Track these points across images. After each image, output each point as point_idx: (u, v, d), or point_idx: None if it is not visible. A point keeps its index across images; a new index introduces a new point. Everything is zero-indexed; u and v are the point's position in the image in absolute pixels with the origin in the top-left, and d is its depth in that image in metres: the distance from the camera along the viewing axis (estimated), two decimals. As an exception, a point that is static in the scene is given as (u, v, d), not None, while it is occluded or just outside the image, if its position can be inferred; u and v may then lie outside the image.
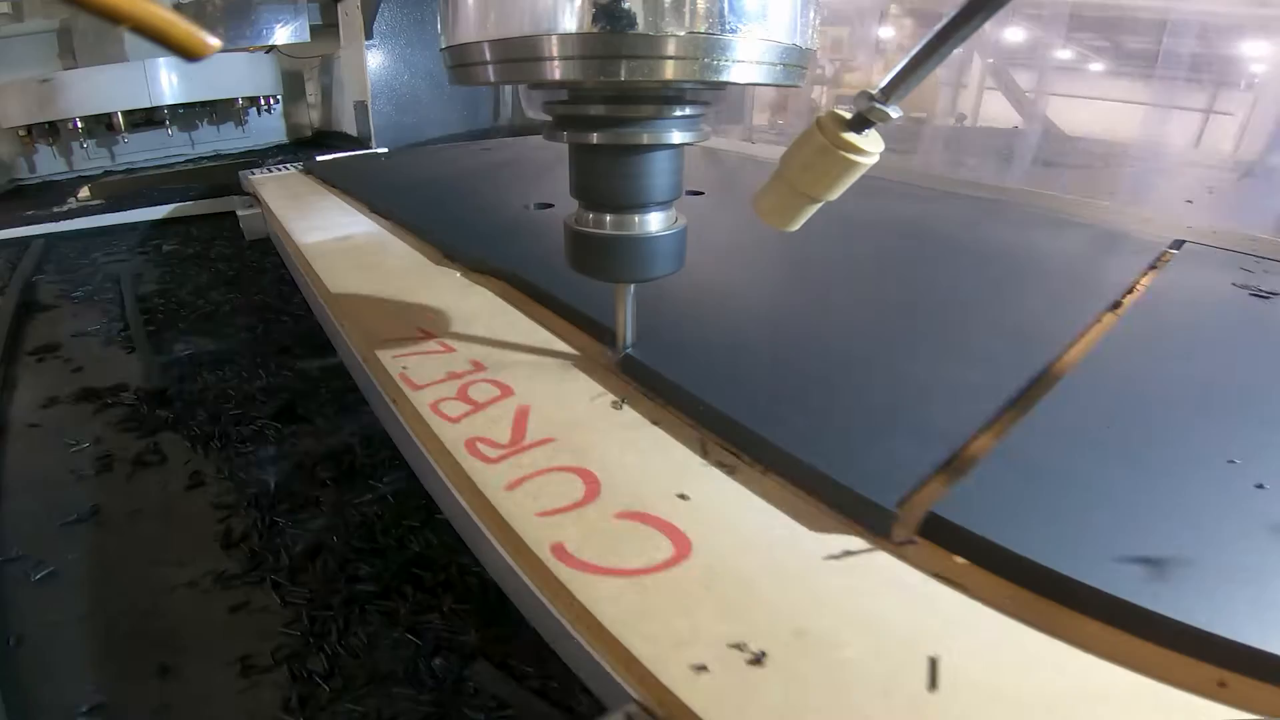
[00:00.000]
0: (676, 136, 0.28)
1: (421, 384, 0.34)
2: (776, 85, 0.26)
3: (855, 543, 0.24)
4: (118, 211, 0.99)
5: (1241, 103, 0.83)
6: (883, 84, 0.25)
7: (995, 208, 0.68)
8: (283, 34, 1.14)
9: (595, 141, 0.28)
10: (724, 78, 0.25)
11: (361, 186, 0.75)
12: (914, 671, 0.19)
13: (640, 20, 0.23)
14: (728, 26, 0.24)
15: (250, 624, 0.32)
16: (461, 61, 0.27)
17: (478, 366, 0.36)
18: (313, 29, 1.21)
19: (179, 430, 0.47)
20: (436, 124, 1.29)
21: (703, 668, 0.19)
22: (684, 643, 0.20)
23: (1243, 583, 0.21)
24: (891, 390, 0.32)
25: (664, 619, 0.21)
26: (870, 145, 0.26)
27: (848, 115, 0.26)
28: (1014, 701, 0.18)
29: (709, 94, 0.29)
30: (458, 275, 0.49)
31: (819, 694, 0.18)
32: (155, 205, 1.01)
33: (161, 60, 1.10)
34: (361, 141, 1.23)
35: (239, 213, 0.85)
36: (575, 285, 0.39)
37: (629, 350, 0.35)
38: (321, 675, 0.29)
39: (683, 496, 0.26)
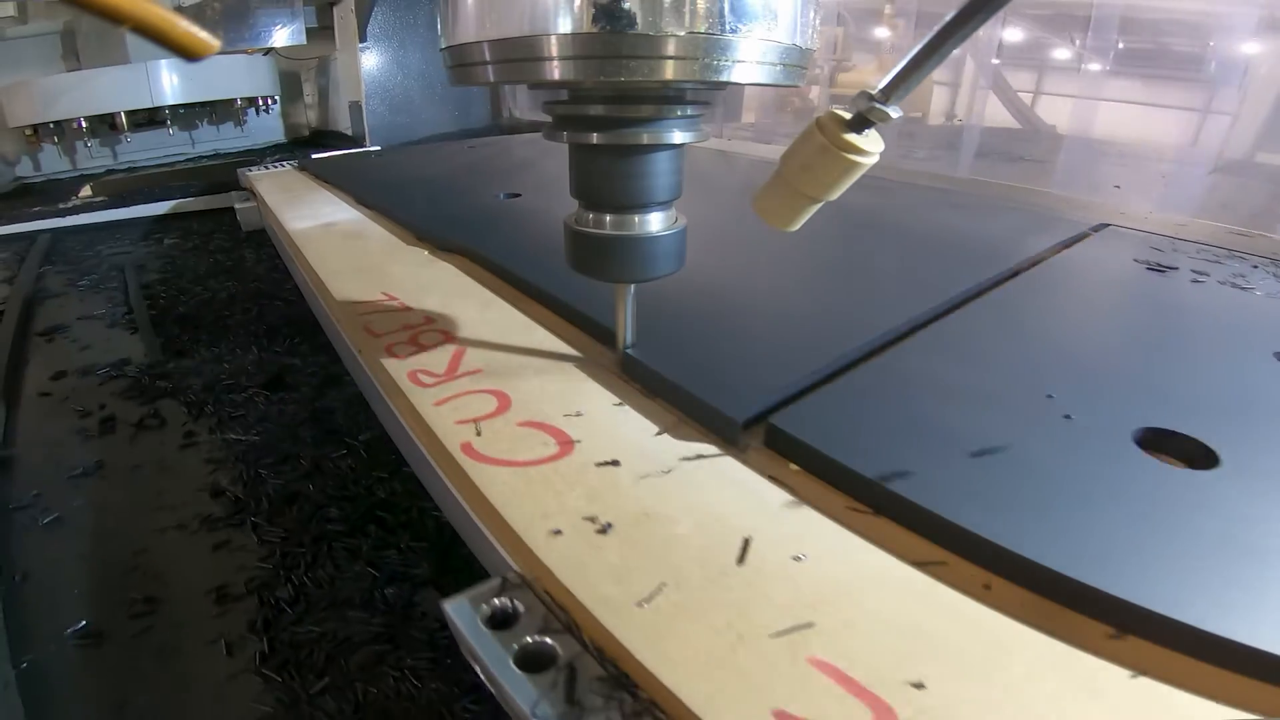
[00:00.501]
0: (677, 136, 0.27)
1: (379, 332, 0.38)
2: (777, 85, 0.25)
3: (708, 449, 0.28)
4: (120, 207, 0.98)
5: (1211, 99, 0.83)
6: (883, 84, 0.24)
7: (941, 195, 0.70)
8: (280, 36, 1.12)
9: (595, 141, 0.27)
10: (724, 78, 0.23)
11: (350, 181, 0.76)
12: (729, 548, 0.22)
13: (640, 20, 0.22)
14: (728, 26, 0.23)
15: (230, 560, 0.35)
16: (461, 61, 0.26)
17: (429, 320, 0.39)
18: (309, 32, 1.18)
19: (177, 398, 0.50)
20: (428, 123, 1.28)
21: (558, 533, 0.23)
22: (549, 515, 0.24)
23: (1015, 503, 0.23)
24: (771, 332, 0.35)
25: (538, 499, 0.24)
26: (870, 145, 0.25)
27: (847, 115, 0.25)
28: (797, 580, 0.21)
29: (709, 94, 0.28)
30: (425, 253, 0.52)
31: (648, 558, 0.22)
32: (156, 201, 1.00)
33: (163, 62, 1.09)
34: (356, 140, 1.22)
35: (236, 206, 0.85)
36: (524, 259, 0.45)
37: (629, 350, 0.33)
38: (287, 602, 0.32)
39: (577, 414, 0.30)
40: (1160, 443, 0.27)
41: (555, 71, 0.23)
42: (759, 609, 0.20)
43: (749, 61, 0.24)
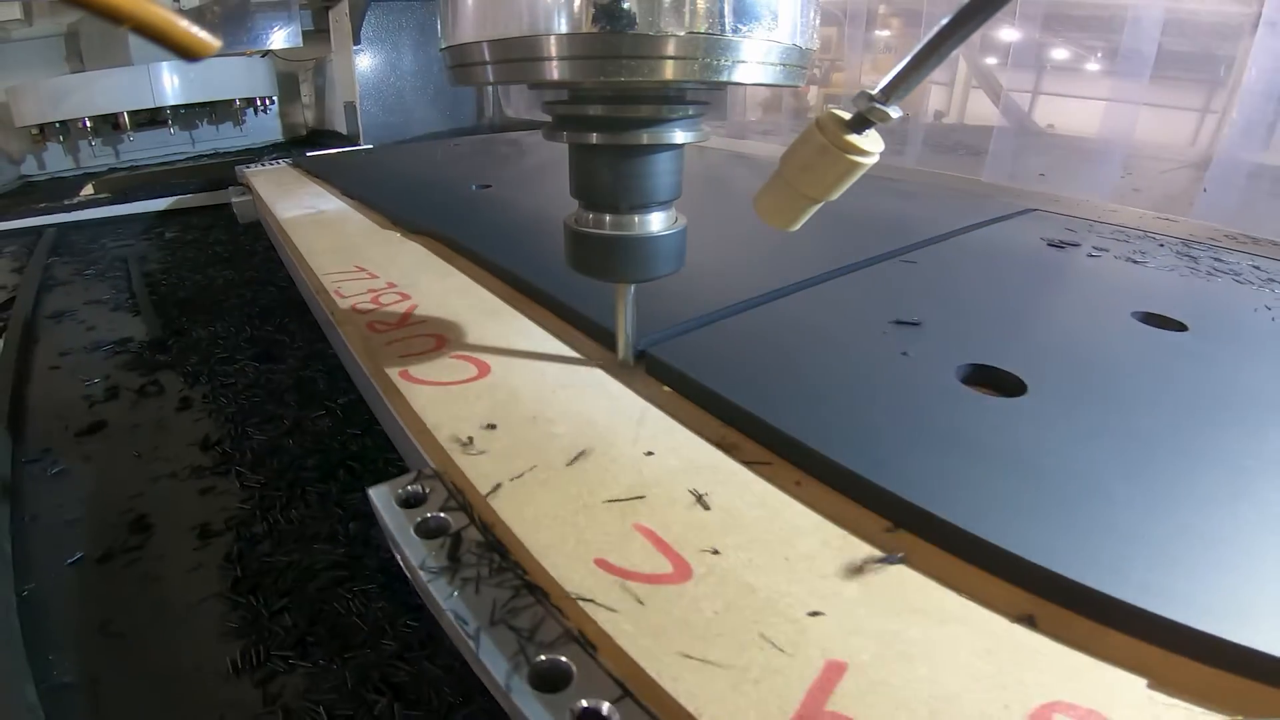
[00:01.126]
0: (677, 136, 0.25)
1: (347, 295, 0.42)
2: (777, 85, 0.24)
3: (598, 373, 0.32)
4: (123, 203, 0.96)
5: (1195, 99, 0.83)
6: (883, 84, 0.23)
7: (887, 185, 0.71)
8: (278, 39, 1.09)
9: (595, 142, 0.26)
10: (724, 78, 0.22)
11: (338, 175, 0.77)
12: (594, 443, 0.26)
13: (640, 20, 0.21)
14: (728, 27, 0.21)
15: (214, 503, 0.36)
16: (461, 61, 0.24)
17: (390, 285, 0.43)
18: (306, 34, 1.15)
19: (175, 369, 0.52)
20: (421, 122, 1.26)
21: (463, 437, 0.26)
22: (458, 420, 0.28)
23: (867, 441, 0.25)
24: (679, 282, 0.35)
25: (452, 410, 0.28)
26: (870, 145, 0.24)
27: (847, 115, 0.24)
28: (641, 469, 0.25)
29: (709, 94, 0.26)
30: (398, 236, 0.55)
31: (526, 449, 0.26)
32: (157, 197, 0.98)
33: (164, 63, 1.06)
34: (351, 139, 1.20)
35: (232, 200, 0.84)
36: (480, 238, 0.49)
37: (630, 349, 0.32)
38: (261, 536, 0.34)
39: (501, 349, 0.34)
40: (980, 376, 0.31)
41: (555, 71, 0.22)
42: (605, 487, 0.23)
43: (749, 62, 0.22)
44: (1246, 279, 0.45)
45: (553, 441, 0.26)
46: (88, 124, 1.05)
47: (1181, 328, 0.36)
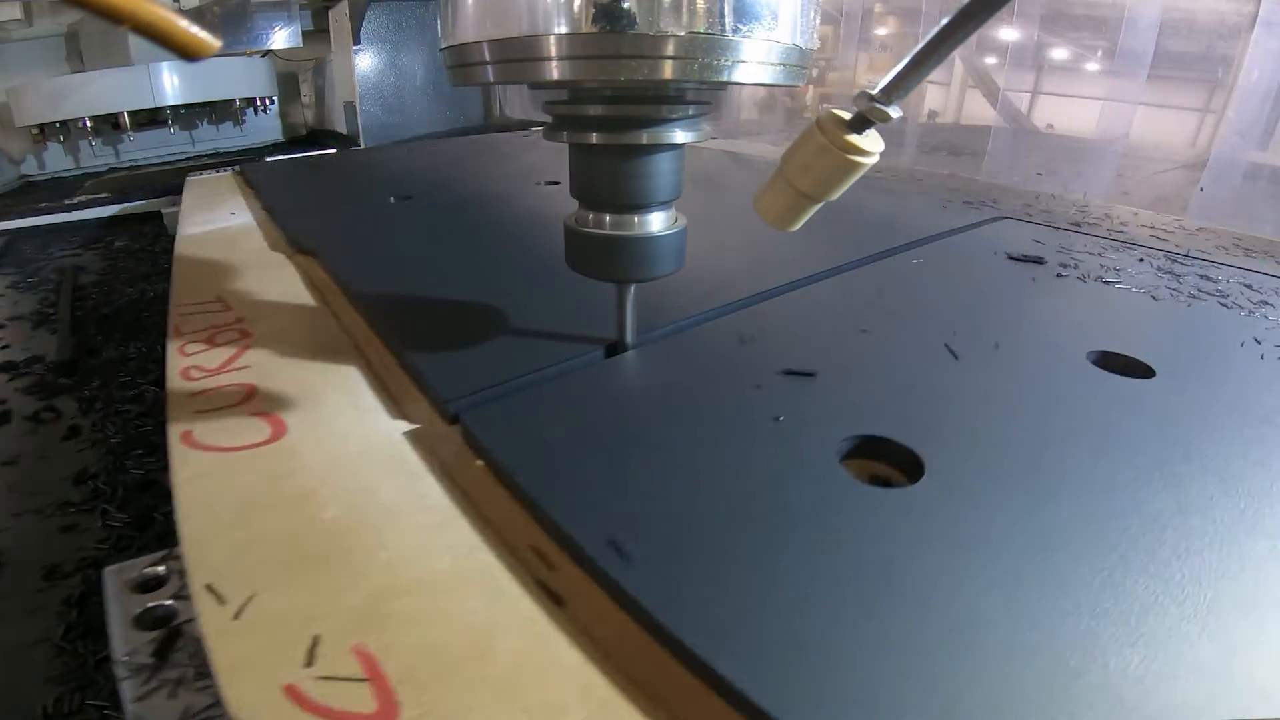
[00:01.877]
0: (677, 136, 0.25)
1: (185, 331, 0.37)
2: (777, 85, 0.24)
3: (406, 442, 0.27)
4: (62, 213, 0.92)
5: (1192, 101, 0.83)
6: (883, 84, 0.23)
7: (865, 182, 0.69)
8: (278, 39, 1.09)
9: (595, 142, 0.25)
10: (723, 78, 0.22)
11: (268, 186, 0.71)
12: (357, 538, 0.21)
13: (640, 20, 0.20)
14: (728, 26, 0.21)
15: (72, 542, 0.34)
16: (461, 61, 0.24)
17: (238, 320, 0.38)
18: (306, 34, 1.15)
19: (75, 393, 0.49)
20: (421, 122, 1.26)
21: (214, 513, 0.22)
22: (217, 496, 0.23)
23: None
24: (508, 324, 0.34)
25: (215, 484, 0.24)
26: (870, 145, 0.23)
27: (847, 115, 0.24)
28: (397, 578, 0.20)
29: (709, 93, 0.26)
30: (283, 258, 0.50)
31: (272, 539, 0.21)
32: (102, 205, 0.94)
33: (164, 63, 1.05)
34: (351, 139, 1.19)
35: (163, 210, 0.81)
36: (363, 264, 0.44)
37: (630, 349, 0.32)
38: None
39: (312, 403, 0.29)
40: (869, 450, 0.25)
41: (555, 71, 0.22)
42: (348, 593, 0.19)
43: (749, 62, 0.22)
44: (1235, 301, 0.39)
45: (311, 529, 0.22)
46: (88, 124, 1.05)
47: (1147, 373, 0.30)
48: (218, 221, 0.61)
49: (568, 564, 0.20)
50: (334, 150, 1.08)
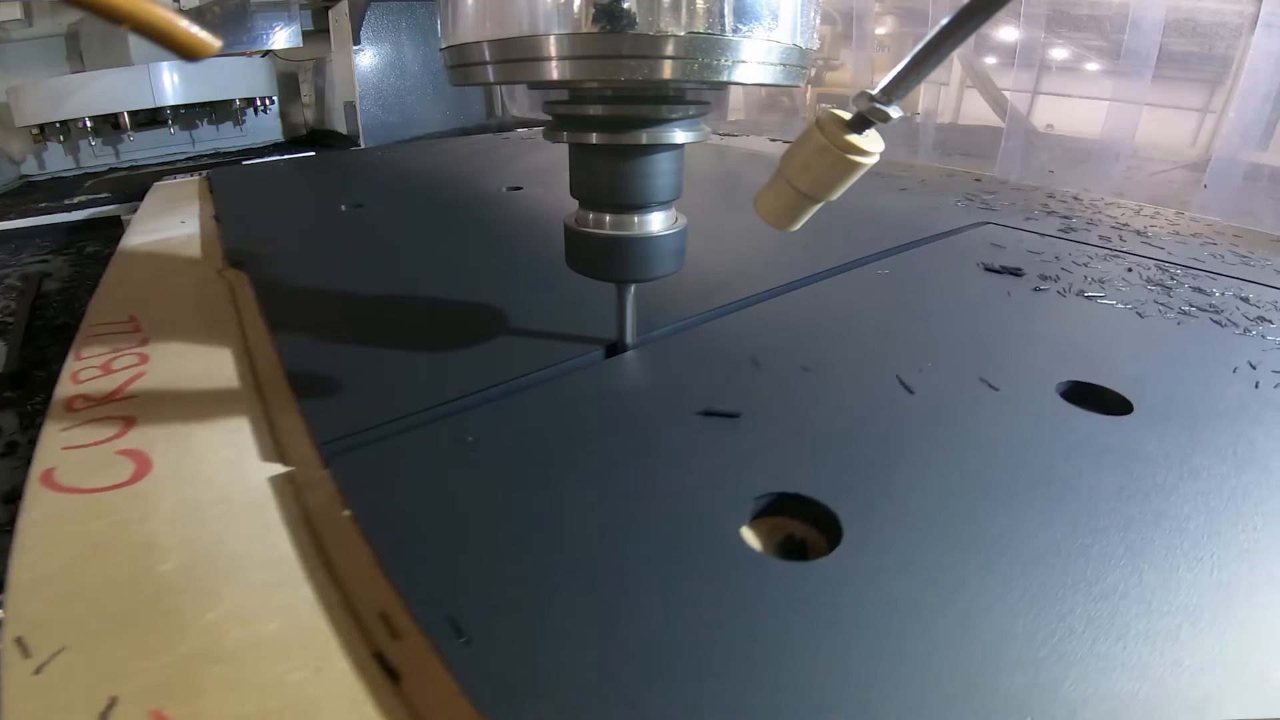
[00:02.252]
0: (677, 136, 0.25)
1: (85, 355, 0.34)
2: (776, 85, 0.24)
3: (268, 489, 0.24)
4: (37, 216, 0.89)
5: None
6: (883, 84, 0.23)
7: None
8: (278, 39, 1.09)
9: (595, 141, 0.25)
10: (723, 78, 0.22)
11: (225, 193, 0.69)
12: (189, 596, 0.19)
13: (640, 20, 0.20)
14: (727, 26, 0.21)
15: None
16: (461, 61, 0.24)
17: (142, 343, 0.35)
18: (306, 34, 1.15)
19: (18, 408, 0.47)
20: (421, 122, 1.25)
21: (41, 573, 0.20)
22: (60, 542, 0.21)
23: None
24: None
25: (61, 528, 0.22)
26: (870, 145, 0.23)
27: (847, 115, 0.24)
28: (220, 642, 0.18)
29: (709, 93, 0.26)
30: (213, 271, 0.46)
31: (95, 590, 0.19)
32: (67, 211, 0.90)
33: (164, 64, 1.05)
34: (351, 139, 1.19)
35: (122, 216, 0.79)
36: (287, 281, 0.41)
37: (630, 348, 0.32)
38: None
39: (185, 440, 0.27)
40: (785, 506, 0.22)
41: (555, 71, 0.22)
42: (162, 652, 0.17)
43: (749, 62, 0.22)
44: (1229, 318, 0.36)
45: (142, 582, 0.20)
46: (88, 124, 1.04)
47: (1123, 408, 0.27)
48: (165, 231, 0.58)
49: (416, 634, 0.17)
50: (313, 153, 1.08)
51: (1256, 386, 0.29)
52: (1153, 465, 0.24)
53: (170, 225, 0.59)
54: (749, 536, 0.21)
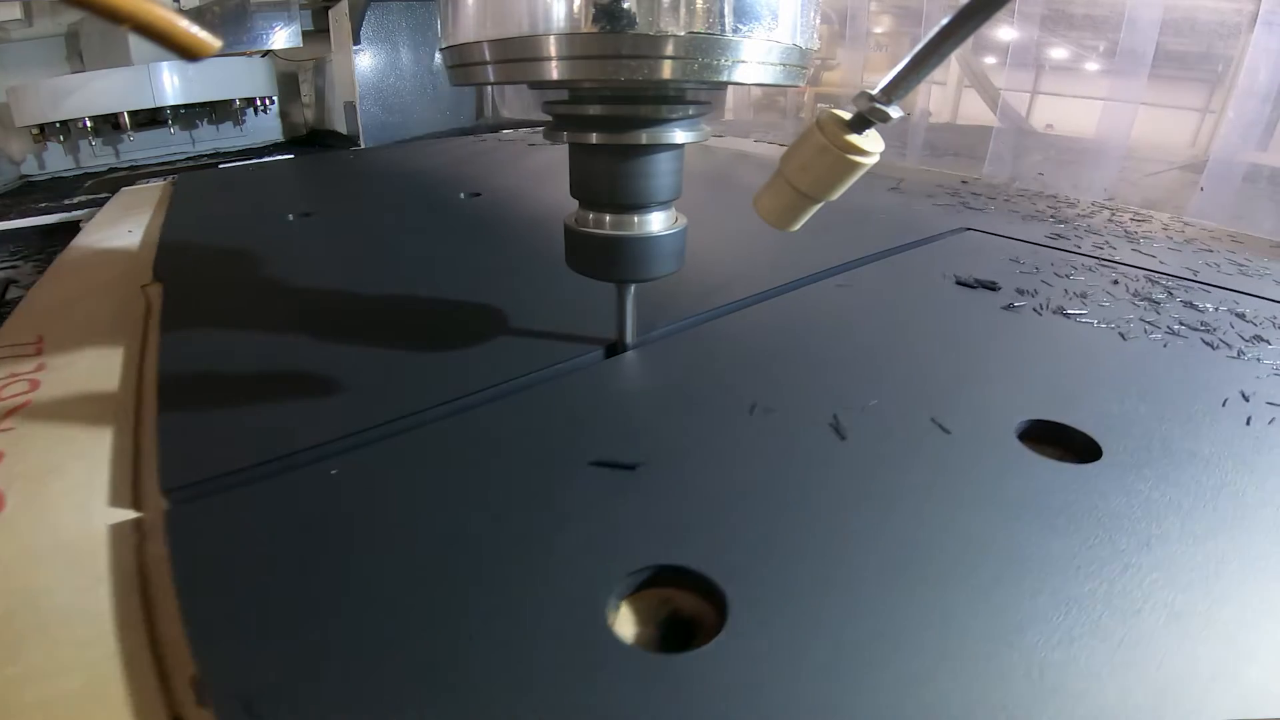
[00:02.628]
0: (677, 136, 0.25)
1: None
2: (776, 85, 0.24)
3: (106, 531, 0.22)
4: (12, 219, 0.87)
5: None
6: (883, 84, 0.23)
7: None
8: (278, 39, 1.09)
9: (594, 141, 0.25)
10: (723, 78, 0.22)
11: (179, 201, 0.66)
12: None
13: (640, 20, 0.20)
14: (727, 26, 0.21)
15: None
16: (461, 61, 0.24)
17: (37, 369, 0.32)
18: (306, 34, 1.15)
19: None
20: (421, 122, 1.25)
21: None
22: None
23: None
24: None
25: None
26: (870, 145, 0.23)
27: (847, 115, 0.24)
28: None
29: (709, 93, 0.26)
30: (141, 285, 0.43)
31: None
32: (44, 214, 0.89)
33: (164, 64, 1.05)
34: (351, 139, 1.19)
35: (81, 222, 0.75)
36: (202, 298, 0.39)
37: (630, 348, 0.32)
38: None
39: (51, 471, 0.25)
40: (668, 576, 0.19)
41: (555, 71, 0.22)
42: None
43: (749, 62, 0.22)
44: (1222, 338, 0.32)
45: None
46: (88, 124, 1.04)
47: (1091, 452, 0.23)
48: (110, 240, 0.55)
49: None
50: (292, 156, 1.07)
51: (1248, 423, 0.25)
52: (1114, 527, 0.20)
53: (118, 234, 0.56)
54: (624, 618, 0.18)
